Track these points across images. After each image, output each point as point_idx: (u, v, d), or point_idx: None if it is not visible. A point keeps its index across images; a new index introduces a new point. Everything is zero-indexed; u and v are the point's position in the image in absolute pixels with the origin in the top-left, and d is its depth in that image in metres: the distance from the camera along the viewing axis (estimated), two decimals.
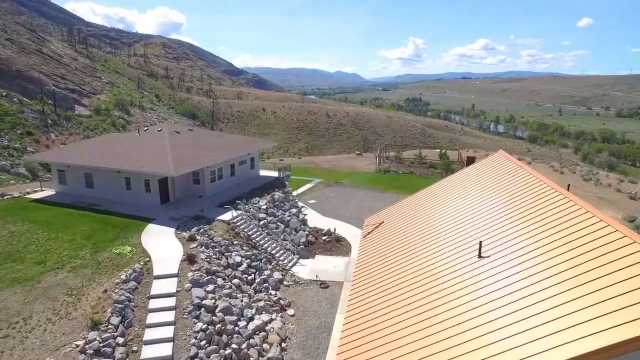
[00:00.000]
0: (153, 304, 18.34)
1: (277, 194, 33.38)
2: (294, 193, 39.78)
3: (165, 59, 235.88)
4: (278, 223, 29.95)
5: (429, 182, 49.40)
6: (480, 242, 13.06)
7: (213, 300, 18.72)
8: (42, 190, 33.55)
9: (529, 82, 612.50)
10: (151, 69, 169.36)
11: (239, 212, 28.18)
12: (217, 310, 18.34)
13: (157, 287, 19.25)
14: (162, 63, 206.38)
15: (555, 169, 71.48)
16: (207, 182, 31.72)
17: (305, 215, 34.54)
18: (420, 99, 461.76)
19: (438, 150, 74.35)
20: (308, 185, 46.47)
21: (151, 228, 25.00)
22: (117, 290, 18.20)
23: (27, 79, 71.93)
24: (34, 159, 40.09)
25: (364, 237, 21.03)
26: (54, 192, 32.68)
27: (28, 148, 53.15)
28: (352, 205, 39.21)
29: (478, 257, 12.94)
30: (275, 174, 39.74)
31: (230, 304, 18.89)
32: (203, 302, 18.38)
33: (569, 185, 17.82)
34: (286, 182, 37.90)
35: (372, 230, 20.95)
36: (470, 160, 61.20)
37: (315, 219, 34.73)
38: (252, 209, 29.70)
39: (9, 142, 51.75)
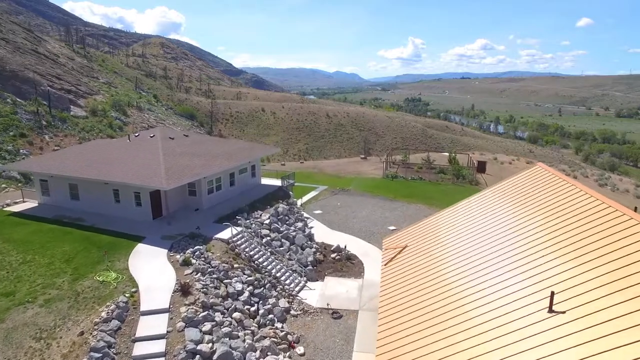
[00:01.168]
0: (138, 349, 15.43)
1: (281, 206, 30.48)
2: (299, 203, 36.93)
3: (163, 59, 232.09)
4: (282, 240, 27.07)
5: (441, 189, 47.39)
6: (552, 293, 10.23)
7: (210, 344, 15.79)
8: (23, 202, 30.65)
9: (528, 82, 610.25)
10: (149, 69, 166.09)
11: (240, 228, 25.30)
12: (215, 357, 15.43)
13: (144, 326, 16.35)
14: (161, 63, 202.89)
15: (567, 173, 68.63)
16: (204, 194, 28.86)
17: (312, 228, 31.68)
18: (419, 99, 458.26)
19: (446, 154, 71.53)
20: (313, 193, 43.63)
21: (140, 249, 22.15)
22: (95, 332, 15.30)
23: (22, 79, 68.91)
24: (12, 167, 36.79)
25: (385, 264, 18.20)
26: (37, 204, 29.81)
27: (21, 150, 50.30)
28: (361, 216, 36.36)
29: (549, 312, 10.14)
30: (277, 182, 36.81)
31: (230, 347, 16.00)
32: (198, 348, 15.44)
33: (636, 208, 15.07)
34: (290, 192, 34.97)
35: (394, 257, 18.14)
36: (481, 166, 58.81)
37: (322, 233, 31.88)
38: (253, 225, 26.83)
39: (1, 145, 48.93)
